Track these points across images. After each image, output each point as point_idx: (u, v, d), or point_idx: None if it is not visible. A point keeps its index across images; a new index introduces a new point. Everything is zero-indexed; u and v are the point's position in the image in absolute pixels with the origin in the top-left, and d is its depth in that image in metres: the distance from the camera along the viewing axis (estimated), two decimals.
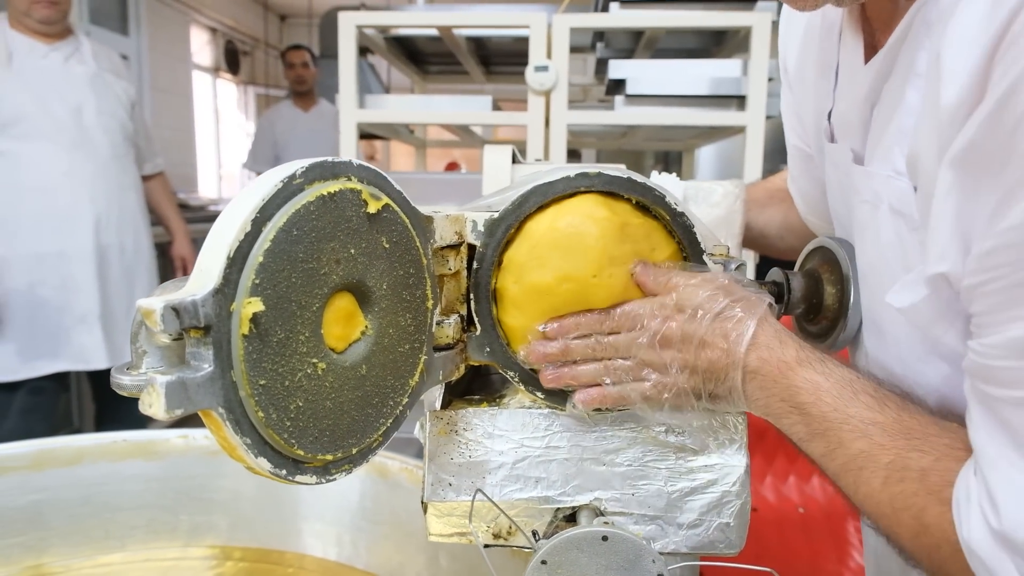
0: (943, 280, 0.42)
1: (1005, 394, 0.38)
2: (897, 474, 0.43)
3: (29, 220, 1.81)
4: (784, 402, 0.48)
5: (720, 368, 0.49)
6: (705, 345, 0.49)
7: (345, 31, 1.69)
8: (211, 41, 5.65)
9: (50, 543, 0.91)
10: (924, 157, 0.43)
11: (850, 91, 0.54)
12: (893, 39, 0.47)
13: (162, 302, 0.32)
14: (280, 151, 3.61)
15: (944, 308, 0.43)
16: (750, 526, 0.57)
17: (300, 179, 0.39)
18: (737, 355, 0.48)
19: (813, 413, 0.47)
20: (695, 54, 2.06)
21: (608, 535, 0.47)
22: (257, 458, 0.38)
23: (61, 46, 1.89)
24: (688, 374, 0.49)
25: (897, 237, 0.48)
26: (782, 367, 0.48)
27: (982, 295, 0.38)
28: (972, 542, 0.39)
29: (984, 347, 0.39)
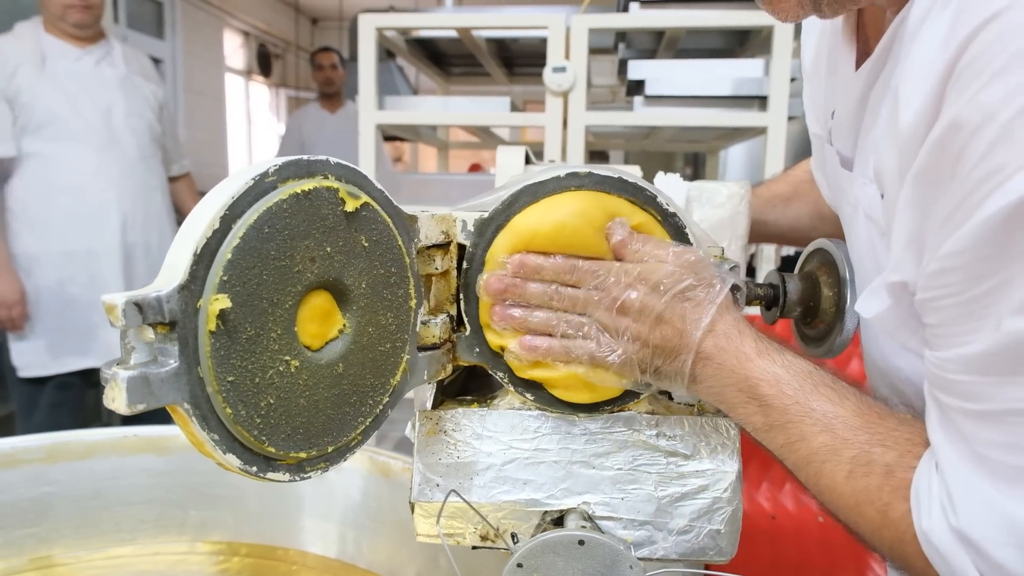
0: (902, 288, 0.43)
1: (960, 405, 0.39)
2: (862, 468, 0.44)
3: (59, 219, 1.86)
4: (741, 392, 0.48)
5: (672, 347, 0.49)
6: (661, 321, 0.49)
7: (365, 33, 1.71)
8: (244, 44, 5.75)
9: (62, 534, 0.93)
10: (886, 170, 0.45)
11: (844, 96, 0.55)
12: (879, 49, 0.48)
13: (124, 297, 0.32)
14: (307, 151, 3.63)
15: (905, 316, 0.45)
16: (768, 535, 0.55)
17: (273, 177, 0.39)
18: (692, 338, 0.48)
19: (774, 405, 0.47)
20: (718, 54, 2.03)
21: (585, 539, 0.46)
22: (226, 454, 0.38)
23: (93, 50, 1.94)
24: (639, 346, 0.49)
25: (869, 241, 0.50)
26: (740, 357, 0.48)
27: (933, 310, 0.40)
28: (931, 533, 0.40)
29: (940, 360, 0.40)
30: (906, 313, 0.44)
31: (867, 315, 0.47)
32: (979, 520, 0.38)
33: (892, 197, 0.43)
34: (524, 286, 0.52)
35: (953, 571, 0.39)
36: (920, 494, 0.41)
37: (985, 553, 0.37)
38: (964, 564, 0.39)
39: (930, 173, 0.38)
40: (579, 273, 0.51)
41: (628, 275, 0.50)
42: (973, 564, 0.38)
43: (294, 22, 6.24)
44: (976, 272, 0.36)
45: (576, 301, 0.51)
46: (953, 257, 0.37)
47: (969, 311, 0.37)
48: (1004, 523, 0.37)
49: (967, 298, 0.37)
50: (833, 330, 0.55)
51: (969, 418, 0.39)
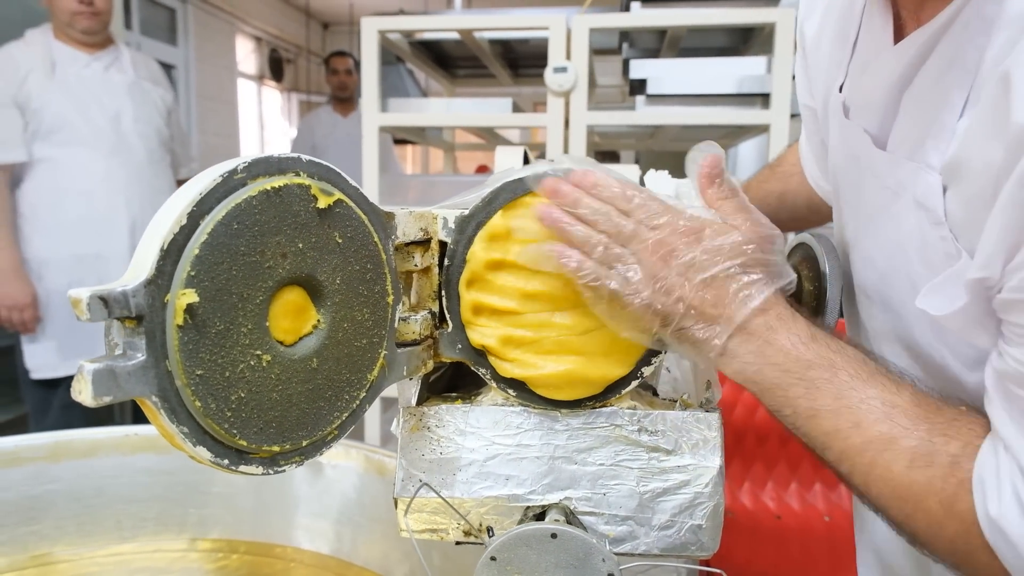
0: (980, 285, 0.41)
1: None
2: (924, 459, 0.42)
3: (69, 223, 1.89)
4: (787, 373, 0.46)
5: (711, 315, 0.46)
6: (708, 286, 0.46)
7: (368, 36, 1.72)
8: (256, 50, 5.80)
9: (64, 532, 0.95)
10: (975, 163, 0.41)
11: (876, 70, 0.51)
12: (936, 25, 0.45)
13: (89, 291, 0.33)
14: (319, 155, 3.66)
15: (980, 314, 0.43)
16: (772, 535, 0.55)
17: (242, 174, 0.39)
18: (739, 312, 0.46)
19: (826, 389, 0.45)
20: (722, 53, 2.03)
21: (557, 532, 0.47)
22: (196, 447, 0.38)
23: (102, 55, 1.96)
24: (673, 300, 0.46)
25: (918, 229, 0.47)
26: (792, 339, 0.46)
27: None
28: (1001, 519, 0.39)
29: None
30: (982, 312, 0.42)
31: (937, 312, 0.44)
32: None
33: (980, 193, 0.41)
34: (579, 197, 0.49)
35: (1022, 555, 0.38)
36: (986, 481, 0.40)
37: None
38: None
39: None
40: (635, 205, 0.48)
41: (690, 226, 0.47)
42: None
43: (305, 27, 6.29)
44: None
45: (625, 232, 0.48)
46: None
47: None
48: None
49: None
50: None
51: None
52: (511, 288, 0.54)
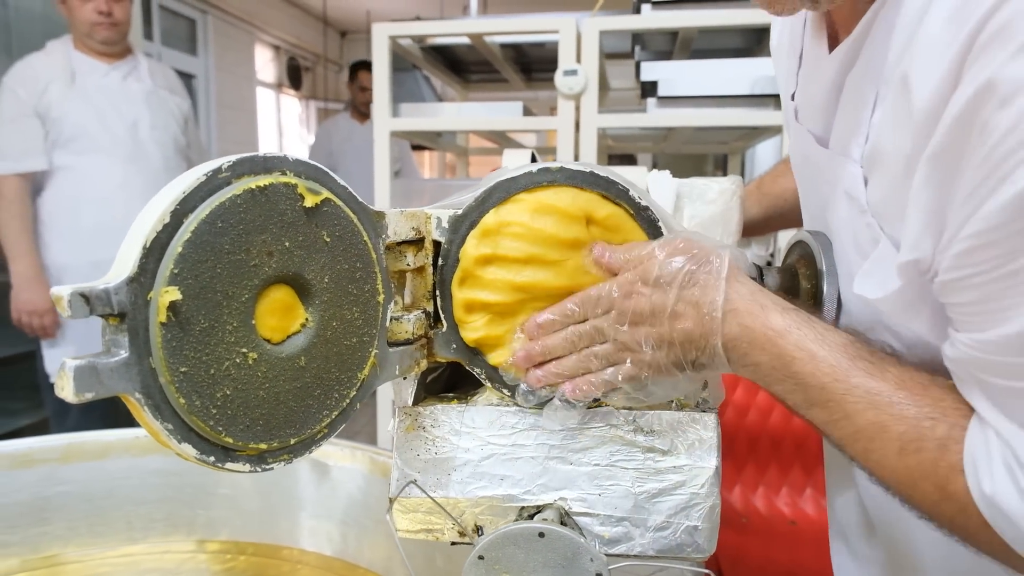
0: (914, 268, 0.42)
1: (1010, 385, 0.39)
2: (913, 444, 0.43)
3: (88, 230, 1.92)
4: (776, 370, 0.47)
5: (697, 337, 0.48)
6: (676, 316, 0.48)
7: (379, 42, 1.73)
8: (274, 58, 5.87)
9: (76, 532, 0.96)
10: (888, 152, 0.44)
11: (815, 77, 0.55)
12: (856, 33, 0.49)
13: (70, 288, 0.33)
14: (336, 161, 3.69)
15: (914, 298, 0.44)
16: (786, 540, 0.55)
17: (227, 173, 0.40)
18: (715, 322, 0.47)
19: (811, 384, 0.46)
20: (736, 54, 2.01)
21: (545, 531, 0.46)
22: (181, 444, 0.39)
23: (120, 65, 2.00)
24: (666, 348, 0.49)
25: (850, 219, 0.49)
26: (770, 335, 0.47)
27: (965, 288, 0.39)
28: (996, 496, 0.39)
29: (977, 341, 0.39)
30: (915, 295, 0.43)
31: (871, 296, 0.46)
32: None
33: (893, 179, 0.43)
34: (546, 344, 0.53)
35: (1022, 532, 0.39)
36: (977, 459, 0.41)
37: None
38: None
39: (949, 151, 0.38)
40: (584, 307, 0.52)
41: (628, 283, 0.50)
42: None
43: (323, 35, 6.35)
44: (1014, 246, 0.35)
45: (592, 333, 0.52)
46: (988, 233, 0.36)
47: (1009, 285, 0.36)
48: None
49: (1005, 272, 0.36)
50: None
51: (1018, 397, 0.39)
52: (502, 282, 0.54)
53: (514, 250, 0.54)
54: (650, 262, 0.49)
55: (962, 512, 0.42)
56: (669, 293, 0.48)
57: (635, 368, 0.51)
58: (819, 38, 0.55)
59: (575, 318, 0.52)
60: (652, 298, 0.49)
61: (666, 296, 0.48)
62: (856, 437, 0.45)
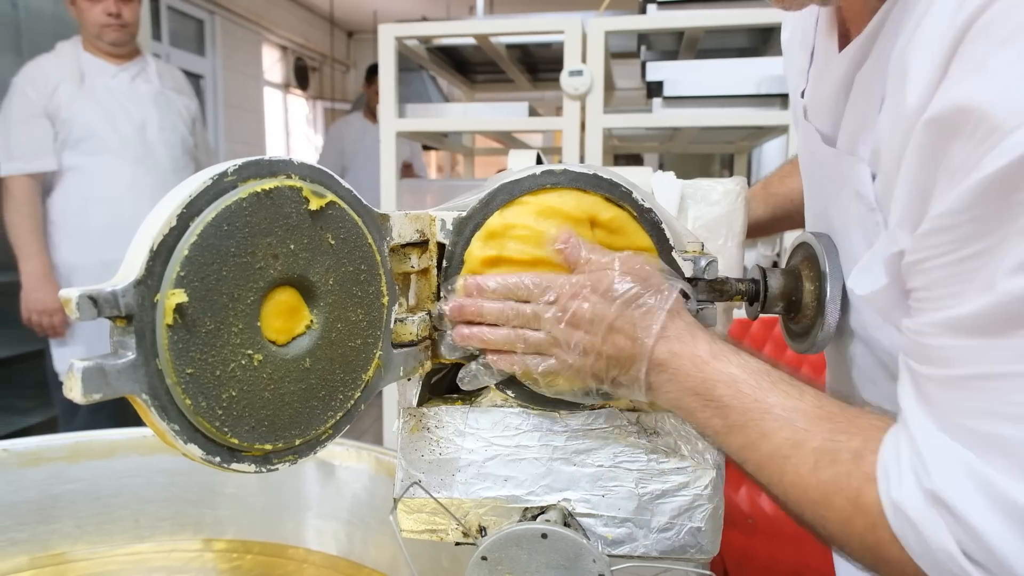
0: (897, 261, 0.43)
1: (935, 372, 0.39)
2: (827, 458, 0.43)
3: (97, 230, 1.93)
4: (698, 396, 0.48)
5: (626, 357, 0.49)
6: (613, 331, 0.49)
7: (385, 43, 1.74)
8: (282, 59, 5.89)
9: (85, 531, 0.97)
10: (886, 149, 0.44)
11: (825, 75, 0.55)
12: (867, 32, 0.49)
13: (79, 291, 0.34)
14: (347, 161, 3.70)
15: (899, 295, 0.44)
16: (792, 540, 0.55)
17: (232, 176, 0.40)
18: (644, 346, 0.48)
19: (732, 405, 0.46)
20: (741, 53, 2.01)
21: (548, 532, 0.47)
22: (187, 444, 0.39)
23: (129, 66, 2.01)
24: (593, 358, 0.50)
25: (859, 217, 0.49)
26: (696, 361, 0.48)
27: (919, 272, 0.39)
28: (902, 502, 0.39)
29: (919, 325, 0.40)
30: (900, 293, 0.43)
31: (860, 292, 0.46)
32: (956, 485, 0.37)
33: (891, 174, 0.43)
34: (480, 306, 0.53)
35: (926, 540, 0.38)
36: (888, 467, 0.41)
37: (962, 517, 0.37)
38: (938, 531, 0.38)
39: (929, 145, 0.38)
40: (528, 289, 0.52)
41: (579, 285, 0.50)
42: (948, 530, 0.37)
43: (330, 36, 6.36)
44: (968, 232, 0.36)
45: (529, 317, 0.52)
46: (946, 217, 0.36)
47: (957, 272, 0.37)
48: (981, 488, 0.36)
49: (957, 258, 0.37)
50: (815, 324, 0.54)
51: (945, 386, 0.38)
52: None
53: (519, 252, 0.54)
54: (606, 272, 0.50)
55: (872, 526, 0.42)
56: (612, 307, 0.49)
57: (557, 366, 0.51)
58: (830, 35, 0.55)
59: (518, 295, 0.52)
60: (596, 307, 0.49)
61: (609, 309, 0.49)
62: (772, 456, 0.45)
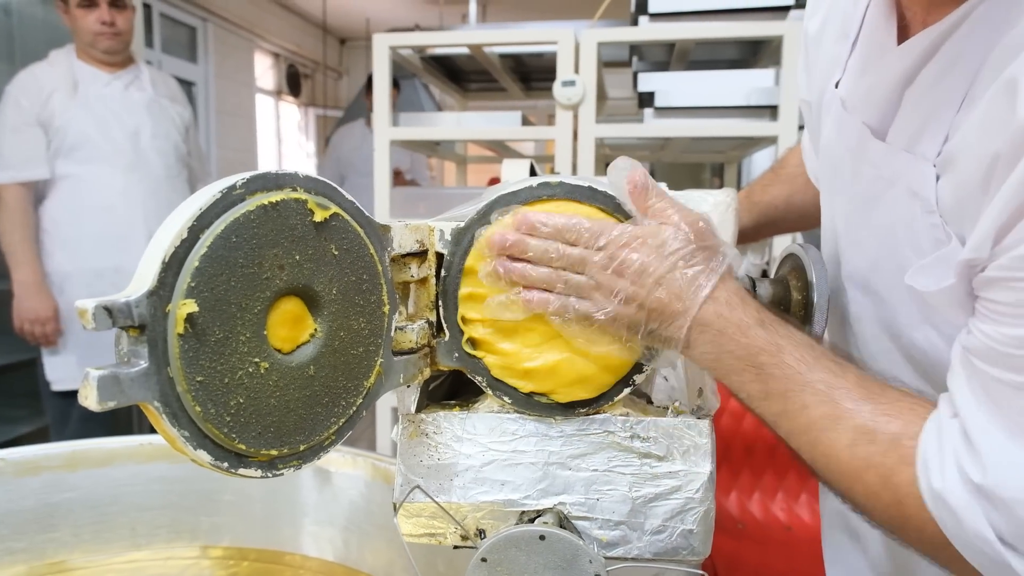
0: (969, 267, 0.44)
1: (1012, 378, 0.40)
2: (865, 437, 0.45)
3: (89, 238, 1.94)
4: (739, 360, 0.49)
5: (669, 312, 0.49)
6: (660, 284, 0.49)
7: (379, 52, 1.75)
8: (274, 65, 5.90)
9: (82, 539, 0.97)
10: (970, 155, 0.43)
11: (879, 66, 0.54)
12: (943, 28, 0.47)
13: (94, 302, 0.35)
14: (345, 168, 3.68)
15: (964, 296, 0.45)
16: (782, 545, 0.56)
17: (241, 190, 0.41)
18: (692, 305, 0.48)
19: (774, 374, 0.48)
20: (731, 65, 2.04)
21: (545, 534, 0.48)
22: (196, 450, 0.40)
23: (123, 74, 2.02)
24: (635, 308, 0.50)
25: (909, 216, 0.49)
26: (741, 325, 0.48)
27: (1007, 288, 0.40)
28: (945, 492, 0.41)
29: (1001, 335, 0.41)
30: (965, 293, 0.45)
31: (924, 289, 0.47)
32: (1012, 482, 0.39)
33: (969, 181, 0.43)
34: (525, 241, 0.53)
35: (965, 527, 0.40)
36: (928, 456, 0.43)
37: (1013, 512, 0.39)
38: (978, 520, 0.40)
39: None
40: (579, 231, 0.52)
41: (630, 234, 0.50)
42: (988, 521, 0.39)
43: (322, 43, 6.38)
44: None
45: (575, 260, 0.51)
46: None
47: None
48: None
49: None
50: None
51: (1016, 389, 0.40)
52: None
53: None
54: (665, 227, 0.50)
55: (898, 505, 0.44)
56: (664, 261, 0.49)
57: (594, 308, 0.51)
58: (886, 27, 0.54)
59: (567, 237, 0.52)
60: (647, 259, 0.49)
61: (660, 263, 0.49)
62: (809, 428, 0.47)
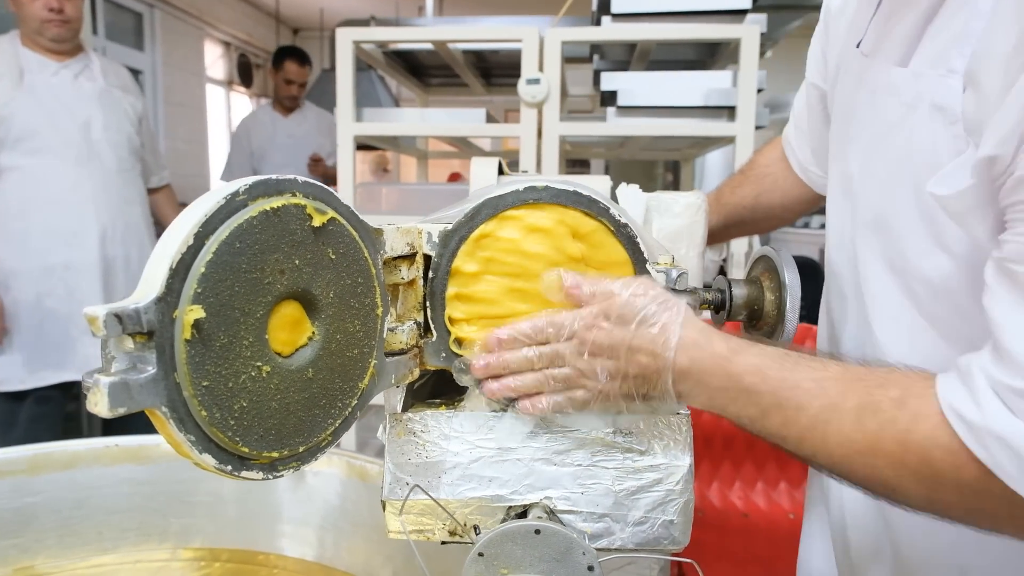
0: (989, 166, 0.44)
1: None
2: (868, 410, 0.46)
3: (38, 233, 1.87)
4: (727, 391, 0.51)
5: (651, 372, 0.51)
6: (634, 351, 0.51)
7: (343, 46, 1.74)
8: (225, 55, 5.75)
9: (45, 545, 0.95)
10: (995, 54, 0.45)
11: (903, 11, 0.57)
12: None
13: (105, 309, 0.35)
14: (258, 160, 3.17)
15: (982, 199, 0.45)
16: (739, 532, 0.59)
17: (244, 195, 0.42)
18: (666, 360, 0.51)
19: (762, 391, 0.49)
20: (690, 66, 2.09)
21: (540, 528, 0.50)
22: (201, 454, 0.41)
23: (72, 63, 1.95)
24: (620, 380, 0.52)
25: (931, 134, 0.51)
26: (717, 359, 0.50)
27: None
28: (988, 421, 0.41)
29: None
30: (984, 197, 0.45)
31: (942, 192, 0.47)
32: None
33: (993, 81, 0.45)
34: (504, 359, 0.55)
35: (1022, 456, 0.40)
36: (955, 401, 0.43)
37: None
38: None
39: None
40: (547, 331, 0.54)
41: (591, 316, 0.53)
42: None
43: (275, 32, 6.24)
44: None
45: (553, 356, 0.54)
46: None
47: None
48: None
49: None
50: (775, 331, 0.58)
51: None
52: (493, 294, 0.58)
53: (503, 265, 0.57)
54: (613, 299, 0.52)
55: (926, 461, 0.44)
56: (627, 330, 0.51)
57: (588, 394, 0.54)
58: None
59: (536, 339, 0.55)
60: (612, 332, 0.52)
61: (626, 332, 0.51)
62: (812, 425, 0.48)
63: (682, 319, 0.51)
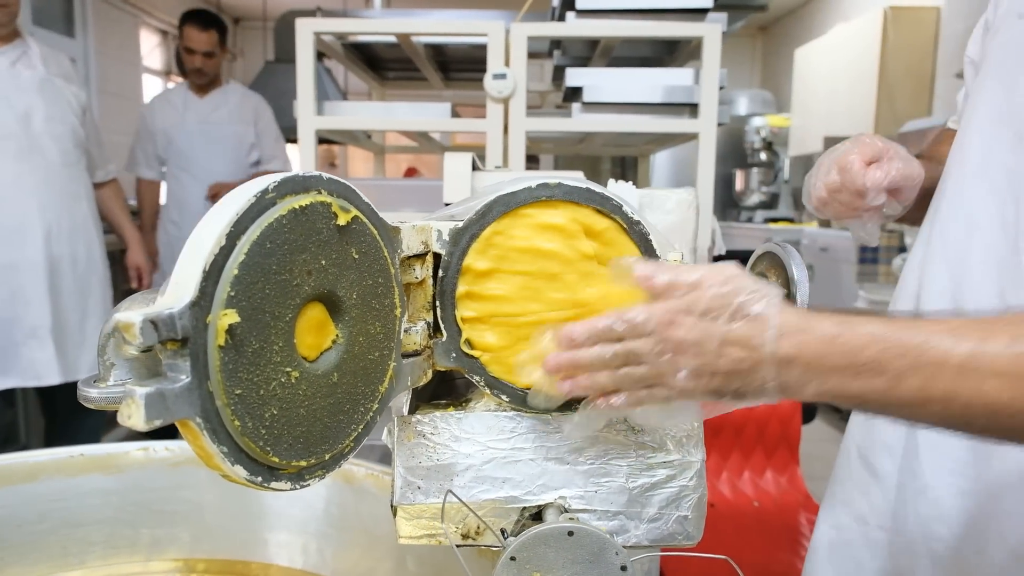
0: None
1: None
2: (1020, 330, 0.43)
3: None
4: (844, 370, 0.46)
5: (746, 368, 0.48)
6: (727, 345, 0.48)
7: (303, 38, 1.69)
8: (161, 44, 5.53)
9: (6, 562, 0.89)
10: None
11: None
12: None
13: (140, 315, 0.33)
14: (167, 146, 2.61)
15: None
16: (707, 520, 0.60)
17: (272, 193, 0.40)
18: (765, 352, 0.47)
19: (888, 357, 0.45)
20: (649, 63, 2.11)
21: (574, 530, 0.49)
22: (234, 466, 0.39)
23: (8, 50, 1.84)
24: (707, 378, 0.48)
25: None
26: (826, 340, 0.46)
27: None
28: None
29: None
30: None
31: None
32: None
33: None
34: (576, 357, 0.52)
35: None
36: None
37: None
38: None
39: None
40: (616, 330, 0.50)
41: (669, 313, 0.49)
42: None
43: None
44: None
45: (628, 356, 0.50)
46: None
47: None
48: None
49: None
50: None
51: None
52: (505, 293, 0.57)
53: (515, 263, 0.56)
54: (697, 292, 0.49)
55: None
56: (717, 324, 0.48)
57: (667, 391, 0.50)
58: None
59: (610, 336, 0.51)
60: (699, 329, 0.48)
61: (714, 327, 0.48)
62: (962, 372, 0.44)
63: (778, 306, 0.48)
